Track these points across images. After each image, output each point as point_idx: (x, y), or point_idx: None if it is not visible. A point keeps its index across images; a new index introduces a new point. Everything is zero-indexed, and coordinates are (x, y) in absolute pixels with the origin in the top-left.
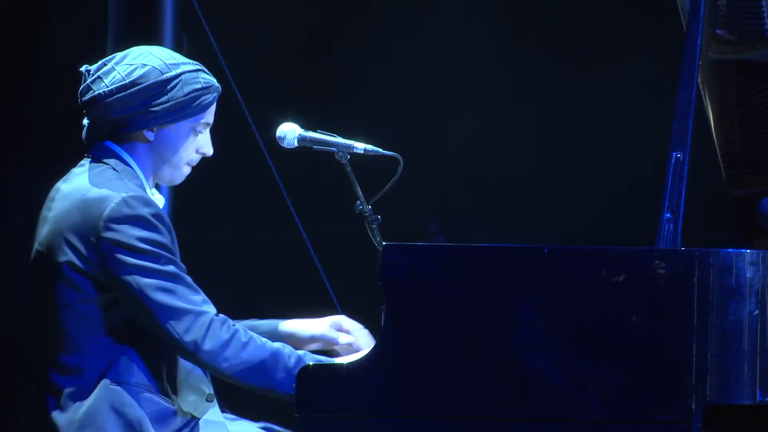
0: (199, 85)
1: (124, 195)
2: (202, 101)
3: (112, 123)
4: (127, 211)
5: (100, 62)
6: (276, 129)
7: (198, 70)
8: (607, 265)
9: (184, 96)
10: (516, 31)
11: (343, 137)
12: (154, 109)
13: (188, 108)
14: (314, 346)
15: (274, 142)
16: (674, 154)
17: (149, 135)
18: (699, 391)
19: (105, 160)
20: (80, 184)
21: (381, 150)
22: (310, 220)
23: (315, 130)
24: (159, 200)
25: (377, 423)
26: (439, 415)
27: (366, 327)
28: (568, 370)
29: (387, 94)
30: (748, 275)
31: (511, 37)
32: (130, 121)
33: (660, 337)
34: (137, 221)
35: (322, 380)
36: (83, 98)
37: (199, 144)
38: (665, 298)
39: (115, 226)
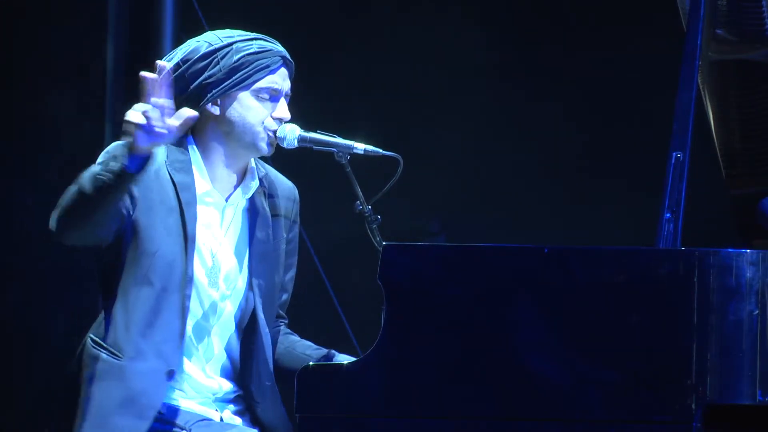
0: (251, 50)
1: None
2: (257, 65)
3: (178, 106)
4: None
5: (169, 53)
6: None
7: (256, 39)
8: (607, 265)
9: (235, 62)
10: (517, 32)
11: (343, 137)
12: (209, 80)
13: (242, 73)
14: None
15: None
16: (674, 154)
17: (214, 109)
18: (699, 391)
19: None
20: None
21: (381, 150)
22: (310, 220)
23: (315, 131)
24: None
25: (377, 423)
26: (439, 415)
27: (366, 327)
28: (568, 370)
29: (387, 94)
30: (748, 275)
31: (512, 37)
32: (192, 99)
33: (660, 337)
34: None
35: (322, 380)
36: None
37: (272, 109)
38: (665, 298)
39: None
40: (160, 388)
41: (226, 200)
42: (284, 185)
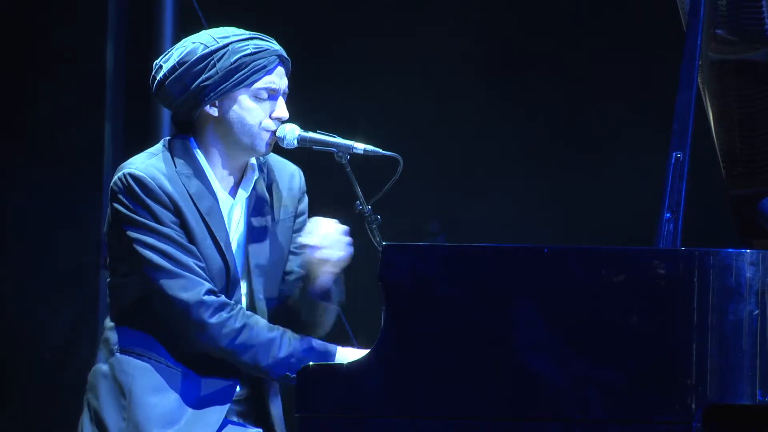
0: (248, 51)
1: (128, 170)
2: (255, 66)
3: (177, 108)
4: (122, 185)
5: (165, 52)
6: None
7: (252, 38)
8: (607, 265)
9: (232, 64)
10: (518, 32)
11: (343, 137)
12: (206, 83)
13: (239, 74)
14: None
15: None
16: (674, 154)
17: (213, 111)
18: (699, 391)
19: (173, 145)
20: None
21: (381, 150)
22: None
23: (315, 131)
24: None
25: (377, 423)
26: (439, 415)
27: (366, 327)
28: (568, 370)
29: (387, 94)
30: (748, 275)
31: (513, 38)
32: (190, 101)
33: (660, 337)
34: (131, 197)
35: (322, 380)
36: (152, 90)
37: (270, 109)
38: (665, 298)
39: (118, 197)
40: (226, 398)
41: (234, 199)
42: (283, 165)
